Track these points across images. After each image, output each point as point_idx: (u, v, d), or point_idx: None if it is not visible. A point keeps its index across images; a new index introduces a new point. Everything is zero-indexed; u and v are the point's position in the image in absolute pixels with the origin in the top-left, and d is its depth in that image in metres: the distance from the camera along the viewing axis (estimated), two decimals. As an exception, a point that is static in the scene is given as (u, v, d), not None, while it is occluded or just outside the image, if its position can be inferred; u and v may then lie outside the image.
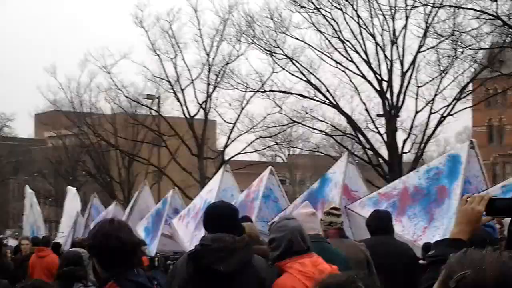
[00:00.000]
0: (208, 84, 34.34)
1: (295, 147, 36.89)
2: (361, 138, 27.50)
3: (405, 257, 7.38)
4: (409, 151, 27.28)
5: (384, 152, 27.54)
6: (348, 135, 29.12)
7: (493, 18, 23.63)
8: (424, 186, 13.42)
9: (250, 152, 37.51)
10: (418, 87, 26.81)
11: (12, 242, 26.24)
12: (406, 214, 12.74)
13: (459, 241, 2.97)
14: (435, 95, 27.00)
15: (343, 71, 26.98)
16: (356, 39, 26.47)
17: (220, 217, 4.54)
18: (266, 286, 4.37)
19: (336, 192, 13.87)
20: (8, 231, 53.69)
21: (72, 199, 28.31)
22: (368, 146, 26.98)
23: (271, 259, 4.51)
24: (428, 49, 26.66)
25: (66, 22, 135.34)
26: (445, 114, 27.07)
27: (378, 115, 28.03)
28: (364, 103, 27.25)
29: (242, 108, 33.78)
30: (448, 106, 27.11)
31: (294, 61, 27.30)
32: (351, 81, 27.13)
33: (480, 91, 28.98)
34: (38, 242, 12.64)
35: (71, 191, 29.14)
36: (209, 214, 4.68)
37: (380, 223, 7.62)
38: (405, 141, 27.03)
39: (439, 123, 26.98)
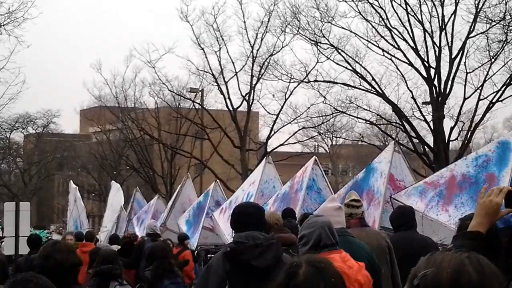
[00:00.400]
0: (252, 76, 34.32)
1: (339, 137, 36.63)
2: (407, 127, 27.09)
3: (428, 250, 7.24)
4: (456, 139, 26.86)
5: (430, 140, 27.19)
6: (393, 124, 28.76)
7: None
8: (472, 174, 13.10)
9: (292, 143, 37.51)
10: (467, 73, 26.32)
11: (57, 237, 26.67)
12: (453, 203, 12.44)
13: (477, 234, 3.05)
14: (484, 81, 26.47)
15: (390, 59, 26.64)
16: (404, 26, 26.09)
17: (249, 216, 4.82)
18: None
19: (381, 182, 13.69)
20: (53, 226, 54.71)
21: (116, 194, 28.68)
22: (413, 134, 26.55)
23: (302, 254, 4.62)
24: (478, 34, 26.14)
25: (112, 18, 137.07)
26: (494, 100, 26.51)
27: (424, 103, 27.60)
28: (411, 91, 26.87)
29: (286, 99, 33.76)
30: (497, 92, 26.54)
31: (339, 51, 27.03)
32: (397, 68, 26.79)
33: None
34: (82, 237, 12.76)
35: (115, 185, 29.54)
36: (238, 214, 4.96)
37: (402, 219, 7.85)
38: (452, 128, 26.60)
39: (488, 109, 26.47)
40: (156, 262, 8.12)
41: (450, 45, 26.18)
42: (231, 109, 35.33)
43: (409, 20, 26.05)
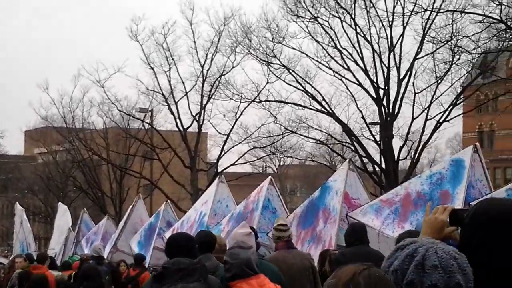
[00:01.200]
0: (202, 95, 34.15)
1: (289, 156, 36.62)
2: (357, 146, 27.23)
3: (380, 261, 7.47)
4: (405, 158, 27.09)
5: (378, 159, 27.32)
6: (343, 143, 28.89)
7: (496, 21, 23.46)
8: (427, 191, 13.14)
9: (242, 163, 37.28)
10: (415, 93, 26.67)
11: (3, 260, 25.81)
12: (409, 220, 12.45)
13: None
14: (431, 101, 26.85)
15: (340, 79, 26.83)
16: (354, 47, 26.33)
17: (178, 245, 5.64)
18: None
19: (337, 200, 13.64)
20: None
21: (63, 215, 28.08)
22: (363, 153, 26.70)
23: (225, 278, 5.34)
24: (426, 55, 26.54)
25: (60, 35, 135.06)
26: (441, 120, 26.87)
27: (372, 123, 27.82)
28: (361, 111, 27.10)
29: (236, 119, 33.67)
30: (444, 112, 26.93)
31: (290, 71, 27.08)
32: (347, 89, 26.98)
33: (471, 97, 28.81)
34: (33, 259, 12.28)
35: (62, 207, 28.90)
36: (169, 243, 5.74)
37: (355, 235, 8.07)
38: (401, 147, 26.86)
39: (435, 129, 26.81)
40: (87, 283, 8.33)
41: (398, 65, 26.52)
42: (181, 129, 35.01)
43: (358, 41, 26.34)
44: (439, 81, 27.00)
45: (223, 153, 35.14)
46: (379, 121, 26.95)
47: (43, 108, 45.15)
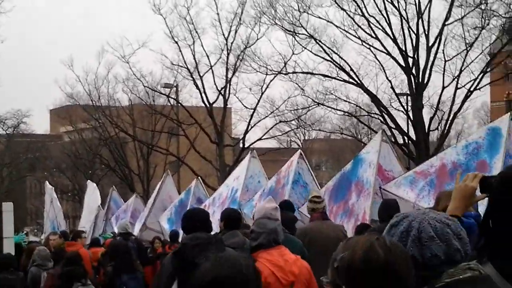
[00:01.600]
0: (227, 69, 33.83)
1: (317, 129, 36.22)
2: (386, 117, 26.76)
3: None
4: (436, 129, 26.56)
5: (407, 130, 26.85)
6: (372, 115, 28.44)
7: None
8: (463, 161, 12.85)
9: (266, 138, 37.01)
10: (445, 61, 26.07)
11: (33, 239, 26.02)
12: (445, 192, 12.21)
13: (454, 217, 2.99)
14: (461, 69, 26.26)
15: (368, 48, 26.25)
16: (381, 14, 25.71)
17: (194, 221, 5.66)
18: None
19: (370, 173, 13.40)
20: (27, 228, 53.74)
21: (92, 193, 28.19)
22: (393, 125, 26.23)
23: (249, 247, 5.57)
24: (455, 21, 25.88)
25: (82, 12, 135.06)
26: (471, 89, 26.33)
27: (400, 94, 27.34)
28: (390, 81, 26.53)
29: (262, 93, 33.38)
30: (475, 80, 26.38)
31: (317, 41, 26.57)
32: (376, 58, 26.43)
33: (499, 65, 28.04)
34: (68, 237, 12.25)
35: (91, 185, 28.99)
36: (185, 219, 5.76)
37: (387, 210, 8.17)
38: (431, 118, 26.37)
39: (466, 98, 26.26)
40: (117, 258, 8.88)
41: (427, 32, 25.92)
42: (207, 104, 34.78)
43: (385, 8, 25.73)
44: (469, 48, 26.39)
45: (249, 127, 34.93)
46: (408, 91, 26.48)
47: (68, 85, 45.34)
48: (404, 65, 25.85)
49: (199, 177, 21.12)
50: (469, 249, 2.42)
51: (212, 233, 5.99)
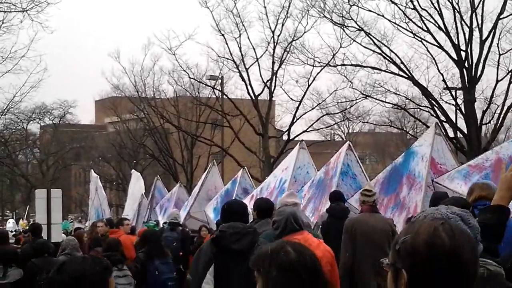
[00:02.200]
0: (273, 62, 33.72)
1: (365, 122, 35.90)
2: (437, 111, 26.34)
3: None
4: (489, 122, 26.06)
5: (459, 124, 26.44)
6: (422, 107, 28.03)
7: None
8: (520, 156, 12.54)
9: (309, 131, 36.81)
10: (500, 54, 25.54)
11: (78, 225, 26.34)
12: (501, 186, 11.89)
13: (501, 207, 3.37)
14: (515, 62, 25.71)
15: (420, 41, 25.80)
16: (434, 6, 25.22)
17: (232, 211, 6.08)
18: None
19: (423, 166, 13.17)
20: (71, 215, 54.58)
21: (136, 183, 28.42)
22: (444, 118, 25.80)
23: (274, 237, 5.86)
24: (510, 14, 25.29)
25: (129, 5, 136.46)
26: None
27: (452, 88, 26.86)
28: (442, 74, 26.07)
29: (309, 85, 33.16)
30: (529, 73, 25.81)
31: (367, 33, 26.19)
32: (428, 51, 25.97)
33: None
34: (113, 224, 12.38)
35: (135, 174, 29.23)
36: (224, 209, 6.19)
37: (435, 203, 8.00)
38: (484, 112, 25.86)
39: (519, 92, 25.72)
40: (148, 245, 9.15)
41: (480, 26, 25.40)
42: (252, 96, 34.76)
43: (438, 1, 25.26)
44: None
45: (295, 119, 34.80)
46: (460, 85, 26.01)
47: (114, 77, 45.98)
48: (456, 58, 25.39)
49: (244, 168, 21.05)
50: (479, 236, 2.62)
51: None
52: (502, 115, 25.62)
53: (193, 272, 6.10)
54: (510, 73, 25.49)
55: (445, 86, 26.43)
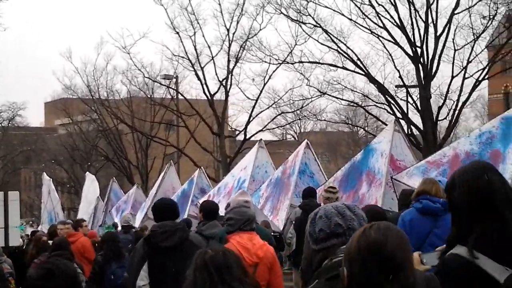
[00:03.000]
0: (229, 60, 33.73)
1: (322, 120, 36.11)
2: (392, 108, 26.66)
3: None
4: (445, 118, 26.49)
5: (415, 121, 26.81)
6: (379, 105, 28.31)
7: None
8: (476, 151, 12.78)
9: (261, 130, 36.86)
10: (455, 50, 25.92)
11: (30, 230, 25.97)
12: (458, 182, 12.11)
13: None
14: (468, 59, 26.13)
15: (377, 37, 26.04)
16: (390, 2, 25.47)
17: (163, 209, 6.61)
18: None
19: (382, 162, 13.36)
20: (21, 220, 53.60)
21: (91, 185, 28.17)
22: (400, 116, 26.11)
23: (226, 232, 6.23)
24: (463, 10, 25.73)
25: (82, 3, 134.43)
26: (480, 78, 26.25)
27: (398, 86, 27.27)
28: (398, 70, 26.39)
29: (265, 83, 33.26)
30: (483, 69, 26.25)
31: (324, 29, 26.30)
32: (385, 47, 26.25)
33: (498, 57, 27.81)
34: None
35: (89, 177, 28.99)
36: (156, 207, 6.73)
37: (402, 200, 8.35)
38: (440, 108, 26.24)
39: (474, 87, 26.16)
40: (106, 247, 9.39)
41: (435, 22, 25.77)
42: (208, 95, 34.70)
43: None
44: (476, 38, 26.29)
45: (251, 118, 34.85)
46: (416, 82, 26.36)
47: (66, 77, 45.46)
48: (412, 54, 25.74)
49: (201, 168, 21.04)
50: (354, 224, 2.96)
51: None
52: (457, 111, 26.06)
53: (129, 270, 6.67)
54: (464, 69, 25.96)
55: (400, 83, 26.76)
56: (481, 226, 2.85)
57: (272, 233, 14.26)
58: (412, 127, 26.24)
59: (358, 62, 26.32)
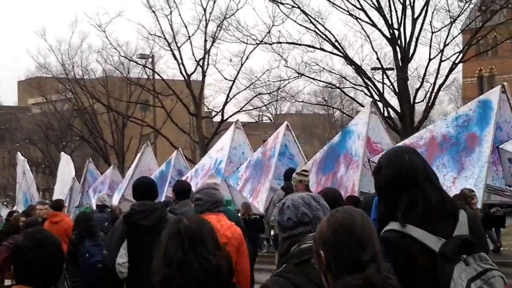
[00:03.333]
0: (206, 40, 33.65)
1: (301, 101, 36.22)
2: (370, 90, 26.81)
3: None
4: (422, 101, 26.69)
5: (393, 103, 27.01)
6: (356, 86, 28.44)
7: None
8: (452, 134, 12.98)
9: (237, 112, 36.91)
10: (432, 33, 26.11)
11: (4, 212, 25.80)
12: (434, 164, 12.28)
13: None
14: (445, 42, 26.35)
15: (356, 19, 26.08)
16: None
17: (143, 189, 6.74)
18: None
19: (359, 144, 13.50)
20: (-4, 200, 53.21)
21: (66, 165, 27.92)
22: (377, 98, 26.28)
23: (195, 212, 6.33)
24: (440, -8, 25.91)
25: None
26: (456, 61, 26.48)
27: (374, 69, 27.37)
28: (376, 52, 26.53)
29: (242, 64, 33.21)
30: (460, 52, 26.49)
31: (302, 10, 26.28)
32: (363, 29, 26.32)
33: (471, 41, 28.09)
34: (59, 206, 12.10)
35: (64, 157, 28.77)
36: (135, 187, 6.84)
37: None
38: (417, 90, 26.44)
39: (451, 70, 26.39)
40: (79, 227, 9.54)
41: (413, 4, 25.90)
42: (184, 75, 34.60)
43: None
44: (453, 21, 26.50)
45: (228, 99, 34.84)
46: (393, 64, 26.53)
47: (41, 55, 45.13)
48: (389, 36, 25.88)
49: (179, 149, 21.08)
50: (319, 213, 3.22)
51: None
52: (434, 94, 26.28)
53: (108, 247, 6.85)
54: (441, 52, 26.15)
55: (377, 66, 26.91)
56: (406, 201, 3.11)
57: (253, 215, 14.44)
58: (389, 109, 26.44)
59: (336, 44, 26.41)
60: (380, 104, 25.51)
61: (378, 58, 26.49)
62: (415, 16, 25.87)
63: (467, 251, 2.90)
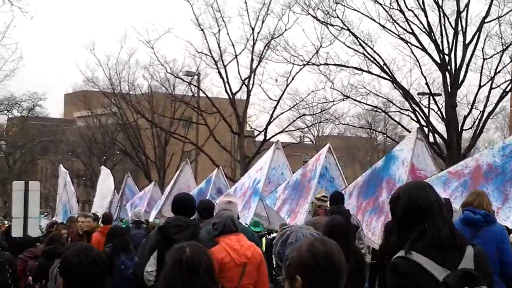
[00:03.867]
0: (252, 59, 33.77)
1: (345, 124, 36.04)
2: (417, 115, 26.48)
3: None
4: (470, 128, 26.26)
5: (439, 129, 26.63)
6: (403, 111, 28.14)
7: None
8: (498, 164, 12.67)
9: (279, 132, 36.91)
10: (484, 59, 25.73)
11: (43, 223, 26.11)
12: (479, 194, 12.00)
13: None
14: (496, 69, 25.95)
15: (406, 43, 25.85)
16: (420, 7, 25.31)
17: (183, 205, 7.06)
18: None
19: (403, 170, 13.28)
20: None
21: (106, 179, 28.14)
22: (424, 123, 25.95)
23: (213, 236, 6.69)
24: (494, 19, 25.52)
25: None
26: (507, 89, 26.05)
27: (420, 93, 27.03)
28: (425, 77, 26.22)
29: (288, 84, 33.26)
30: (511, 80, 26.04)
31: (351, 32, 26.16)
32: (412, 53, 26.07)
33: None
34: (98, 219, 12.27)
35: (105, 170, 29.03)
36: (176, 202, 7.16)
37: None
38: (465, 117, 26.05)
39: (501, 98, 25.98)
40: (115, 240, 9.72)
41: (464, 29, 25.58)
42: (229, 93, 34.76)
43: (423, 2, 25.38)
44: (505, 48, 26.12)
45: (271, 119, 34.86)
46: (441, 90, 26.23)
47: (89, 69, 45.87)
48: (439, 62, 25.56)
49: (219, 167, 21.06)
50: None
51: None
52: (482, 121, 25.86)
53: (140, 255, 7.16)
54: (491, 79, 25.76)
55: (425, 91, 26.60)
56: (416, 232, 3.38)
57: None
58: (436, 135, 26.07)
59: (384, 67, 26.20)
60: (426, 130, 25.15)
61: (427, 83, 26.21)
62: (467, 42, 25.56)
63: (469, 284, 3.04)
